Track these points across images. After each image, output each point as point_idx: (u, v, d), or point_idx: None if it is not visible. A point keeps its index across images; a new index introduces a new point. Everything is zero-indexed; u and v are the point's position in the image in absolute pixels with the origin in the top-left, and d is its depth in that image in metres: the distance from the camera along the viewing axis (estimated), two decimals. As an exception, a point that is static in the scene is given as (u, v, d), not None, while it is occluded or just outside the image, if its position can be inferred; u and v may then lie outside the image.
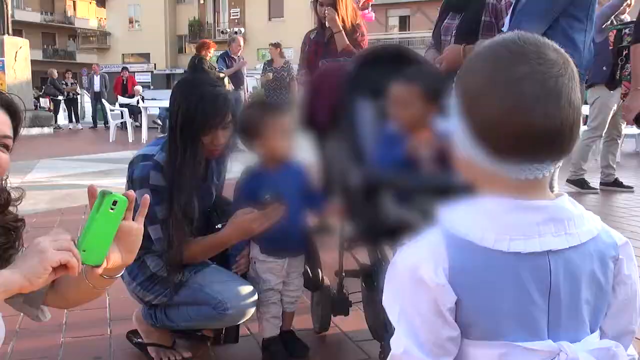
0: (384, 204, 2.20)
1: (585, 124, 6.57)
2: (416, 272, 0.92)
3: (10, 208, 1.58)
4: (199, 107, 2.07)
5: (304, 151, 2.45)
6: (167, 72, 36.70)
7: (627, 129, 10.58)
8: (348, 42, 4.16)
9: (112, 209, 1.21)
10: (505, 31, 3.15)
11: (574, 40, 2.94)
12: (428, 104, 2.35)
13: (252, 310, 2.20)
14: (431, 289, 0.91)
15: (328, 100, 2.74)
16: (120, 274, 1.37)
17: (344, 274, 2.70)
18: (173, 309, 2.23)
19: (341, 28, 4.15)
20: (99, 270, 1.25)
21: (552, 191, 0.97)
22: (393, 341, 0.96)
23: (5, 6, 15.98)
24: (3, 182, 1.55)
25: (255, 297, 2.21)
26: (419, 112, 2.32)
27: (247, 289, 2.19)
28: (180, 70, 31.89)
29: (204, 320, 2.21)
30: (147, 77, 33.66)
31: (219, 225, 2.28)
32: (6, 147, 1.51)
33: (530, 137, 0.88)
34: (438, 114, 2.39)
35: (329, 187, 2.54)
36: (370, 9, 5.75)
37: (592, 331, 0.97)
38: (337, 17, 4.16)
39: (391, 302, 0.97)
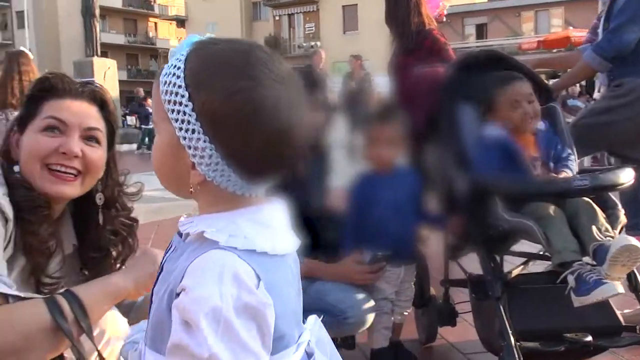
0: (495, 210, 2.14)
1: None
2: (240, 300, 0.80)
3: (128, 204, 1.60)
4: None
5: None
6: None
7: None
8: None
9: None
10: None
11: None
12: (535, 106, 2.30)
13: (371, 319, 2.17)
14: (262, 313, 0.82)
15: (425, 106, 2.71)
16: None
17: (449, 284, 2.65)
18: None
19: None
20: None
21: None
22: None
23: (94, 30, 16.75)
24: (122, 177, 1.56)
25: (373, 305, 2.18)
26: (527, 114, 2.27)
27: (365, 297, 2.17)
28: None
29: None
30: (226, 94, 34.54)
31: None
32: (97, 141, 1.49)
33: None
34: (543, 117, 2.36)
35: (434, 194, 2.51)
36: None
37: None
38: None
39: (218, 347, 0.78)
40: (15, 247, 1.42)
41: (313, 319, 1.02)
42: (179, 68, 0.86)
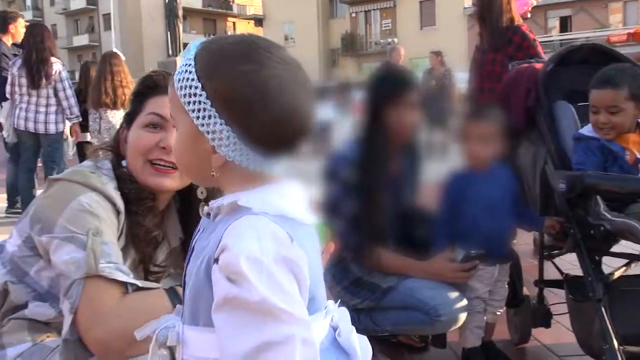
0: (596, 210, 2.07)
1: None
2: (280, 254, 0.86)
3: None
4: None
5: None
6: (321, 85, 37.66)
7: None
8: None
9: None
10: None
11: None
12: (636, 106, 2.19)
13: (464, 318, 2.16)
14: (299, 266, 0.87)
15: (521, 103, 2.64)
16: None
17: (543, 284, 2.58)
18: (379, 313, 2.22)
19: None
20: None
21: None
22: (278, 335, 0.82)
23: (177, 30, 17.26)
24: None
25: (465, 304, 2.16)
26: (629, 114, 2.17)
27: (458, 296, 2.16)
28: (334, 84, 32.50)
29: (413, 325, 2.19)
30: (302, 91, 34.71)
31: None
32: None
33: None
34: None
35: (528, 193, 2.45)
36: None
37: None
38: None
39: (267, 292, 0.82)
40: (126, 239, 1.49)
41: (331, 301, 1.05)
42: (190, 65, 0.94)
